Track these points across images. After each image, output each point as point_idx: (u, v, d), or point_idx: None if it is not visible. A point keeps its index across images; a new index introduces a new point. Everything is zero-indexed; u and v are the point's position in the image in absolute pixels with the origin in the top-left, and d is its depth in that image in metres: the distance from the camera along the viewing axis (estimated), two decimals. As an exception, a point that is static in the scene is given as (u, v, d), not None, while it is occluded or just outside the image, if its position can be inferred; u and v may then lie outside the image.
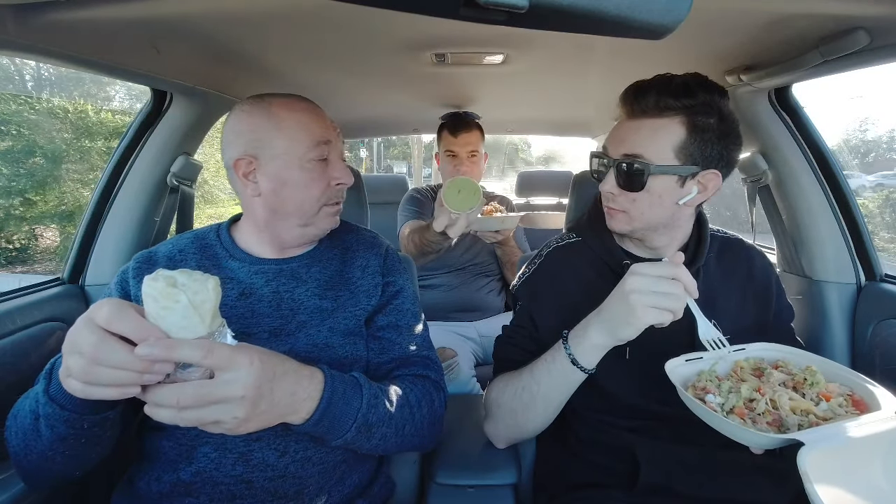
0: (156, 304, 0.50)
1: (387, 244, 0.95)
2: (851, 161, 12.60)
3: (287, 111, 0.78)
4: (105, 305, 0.51)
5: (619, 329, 0.70)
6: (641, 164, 0.78)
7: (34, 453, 0.62)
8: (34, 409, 0.61)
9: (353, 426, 0.67)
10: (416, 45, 1.03)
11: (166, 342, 0.50)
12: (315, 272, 0.84)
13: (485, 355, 1.74)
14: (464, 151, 1.74)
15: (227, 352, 0.54)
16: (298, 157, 0.77)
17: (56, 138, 6.24)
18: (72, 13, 0.70)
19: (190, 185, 1.34)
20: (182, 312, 0.51)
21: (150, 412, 0.53)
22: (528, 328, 0.91)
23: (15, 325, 0.96)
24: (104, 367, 0.50)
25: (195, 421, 0.53)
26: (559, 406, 0.81)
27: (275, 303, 0.79)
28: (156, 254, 0.83)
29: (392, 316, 0.86)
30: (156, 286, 0.50)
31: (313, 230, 0.83)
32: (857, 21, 0.75)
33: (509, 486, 0.89)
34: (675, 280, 0.67)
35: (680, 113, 0.77)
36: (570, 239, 0.96)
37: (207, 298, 0.52)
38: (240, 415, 0.54)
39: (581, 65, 1.21)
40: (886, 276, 1.17)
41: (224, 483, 0.70)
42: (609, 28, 0.41)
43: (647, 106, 0.78)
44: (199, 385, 0.53)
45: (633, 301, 0.67)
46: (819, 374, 0.69)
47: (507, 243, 1.69)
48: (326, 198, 0.81)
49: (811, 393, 0.67)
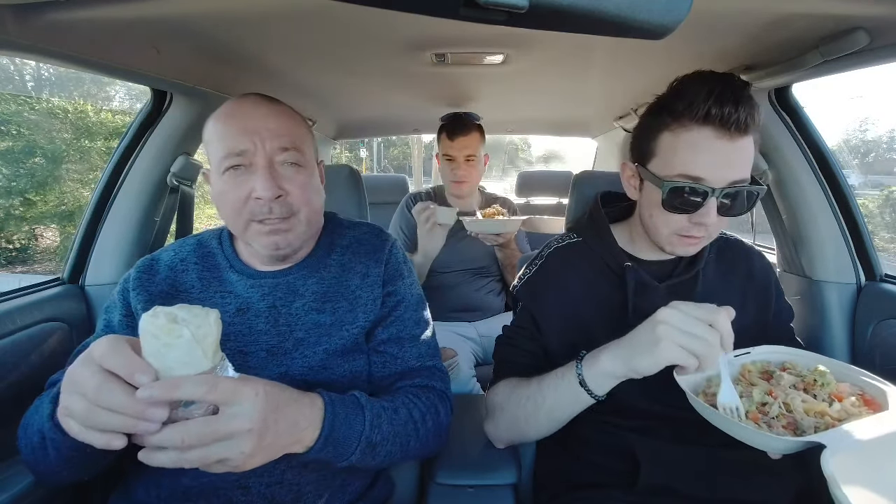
0: (157, 341, 0.49)
1: (390, 243, 0.89)
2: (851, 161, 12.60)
3: (214, 118, 0.75)
4: (103, 342, 0.50)
5: (638, 358, 0.66)
6: (754, 191, 0.74)
7: (42, 466, 0.63)
8: (41, 430, 0.61)
9: (357, 448, 0.66)
10: (416, 45, 1.03)
11: (167, 382, 0.49)
12: (312, 284, 0.80)
13: (485, 355, 1.74)
14: (461, 155, 1.74)
15: (231, 385, 0.52)
16: (215, 167, 0.73)
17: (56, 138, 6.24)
18: (72, 13, 0.70)
19: (190, 185, 1.34)
20: (185, 348, 0.49)
21: (147, 458, 0.50)
22: (528, 329, 0.90)
23: (15, 325, 0.96)
24: (103, 411, 0.48)
25: (199, 461, 0.51)
26: (564, 421, 0.80)
27: (272, 319, 0.77)
28: (158, 261, 0.81)
29: (393, 328, 0.83)
30: (156, 323, 0.49)
31: (256, 247, 0.76)
32: (857, 21, 0.75)
33: (509, 486, 0.89)
34: (713, 328, 0.63)
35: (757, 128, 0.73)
36: (570, 239, 0.95)
37: (210, 332, 0.51)
38: (246, 449, 0.53)
39: (581, 65, 1.21)
40: (886, 276, 1.17)
41: (222, 488, 0.70)
42: (609, 28, 0.41)
43: (740, 124, 0.70)
44: (205, 422, 0.51)
45: (661, 333, 0.63)
46: (829, 375, 0.68)
47: (509, 246, 1.69)
48: (249, 213, 0.72)
49: (822, 394, 0.66)
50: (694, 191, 0.73)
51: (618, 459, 0.82)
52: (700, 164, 0.72)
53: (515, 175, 2.83)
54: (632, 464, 0.79)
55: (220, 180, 0.73)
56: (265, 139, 0.72)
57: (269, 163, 0.72)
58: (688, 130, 0.73)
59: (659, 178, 0.76)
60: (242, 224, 0.74)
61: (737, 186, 0.73)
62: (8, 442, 0.86)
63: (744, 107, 0.70)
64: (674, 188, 0.74)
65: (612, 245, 0.89)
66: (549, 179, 2.75)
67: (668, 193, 0.74)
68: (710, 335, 0.62)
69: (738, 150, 0.72)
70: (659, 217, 0.78)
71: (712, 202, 0.73)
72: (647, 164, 0.80)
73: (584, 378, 0.73)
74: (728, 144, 0.71)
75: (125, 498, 0.75)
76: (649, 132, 0.80)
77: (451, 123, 1.75)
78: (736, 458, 0.79)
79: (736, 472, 0.77)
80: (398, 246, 0.91)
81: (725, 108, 0.69)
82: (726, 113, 0.69)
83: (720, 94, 0.70)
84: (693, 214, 0.74)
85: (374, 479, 0.85)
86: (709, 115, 0.70)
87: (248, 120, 0.72)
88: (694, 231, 0.76)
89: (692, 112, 0.72)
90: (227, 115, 0.74)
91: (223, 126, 0.73)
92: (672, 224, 0.78)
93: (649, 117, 0.81)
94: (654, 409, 0.82)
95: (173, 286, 0.78)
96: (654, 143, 0.78)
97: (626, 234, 0.92)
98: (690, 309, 0.64)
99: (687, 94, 0.73)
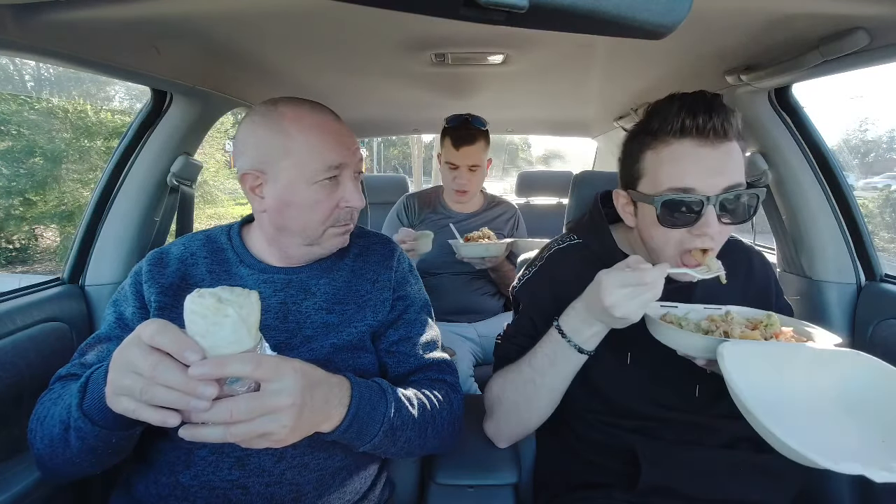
0: (205, 320, 0.51)
1: (398, 252, 0.92)
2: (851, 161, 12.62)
3: (297, 129, 0.74)
4: (151, 324, 0.52)
5: (616, 324, 0.72)
6: (752, 194, 0.74)
7: (60, 458, 0.64)
8: (64, 420, 0.62)
9: (380, 430, 0.68)
10: (416, 45, 1.03)
11: (216, 360, 0.51)
12: (324, 284, 0.82)
13: (485, 355, 1.74)
14: (464, 165, 1.69)
15: (274, 362, 0.55)
16: (305, 178, 0.74)
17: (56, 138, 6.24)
18: (72, 13, 0.70)
19: (190, 185, 1.34)
20: (231, 327, 0.52)
21: (191, 434, 0.53)
22: (528, 329, 0.90)
23: (15, 325, 0.96)
24: (161, 387, 0.51)
25: (244, 435, 0.54)
26: (562, 392, 0.82)
27: (281, 314, 0.78)
28: (168, 254, 0.82)
29: (403, 329, 0.85)
30: (204, 303, 0.51)
31: (319, 249, 0.81)
32: (857, 21, 0.75)
33: (509, 485, 0.89)
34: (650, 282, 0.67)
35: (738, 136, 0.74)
36: (570, 241, 0.96)
37: (252, 311, 0.54)
38: (288, 423, 0.55)
39: (581, 65, 1.21)
40: (886, 276, 1.17)
41: (220, 488, 0.70)
42: (609, 28, 0.41)
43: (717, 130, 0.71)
44: (251, 397, 0.54)
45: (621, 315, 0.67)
46: (775, 318, 0.74)
47: (500, 269, 1.66)
48: (333, 220, 0.78)
49: (766, 333, 0.72)
50: (688, 202, 0.72)
51: (618, 460, 0.82)
52: (687, 174, 0.72)
53: (515, 175, 2.83)
54: (632, 464, 0.79)
55: (312, 189, 0.75)
56: (354, 153, 0.78)
57: (355, 175, 0.80)
58: (668, 145, 0.74)
59: (650, 196, 0.76)
60: (321, 231, 0.78)
61: (732, 191, 0.72)
62: (8, 441, 0.86)
63: (717, 114, 0.71)
64: (666, 202, 0.73)
65: (611, 246, 0.89)
66: (549, 179, 2.75)
67: (661, 208, 0.74)
68: (653, 285, 0.66)
69: (724, 154, 0.72)
70: (660, 236, 0.78)
71: (710, 211, 0.72)
72: (637, 187, 0.80)
73: (579, 345, 0.75)
74: (711, 151, 0.72)
75: (126, 496, 0.75)
76: (633, 156, 0.80)
77: (457, 131, 1.69)
78: (736, 458, 0.79)
79: (736, 473, 0.77)
80: (405, 254, 0.94)
81: (699, 118, 0.71)
82: (700, 122, 0.71)
83: (691, 106, 0.72)
84: (693, 227, 0.74)
85: (374, 479, 0.85)
86: (684, 126, 0.72)
87: (339, 135, 0.77)
88: (698, 243, 0.75)
89: (667, 127, 0.73)
90: (317, 128, 0.75)
91: (318, 139, 0.74)
92: (673, 241, 0.77)
93: (630, 143, 0.82)
94: (654, 412, 0.82)
95: (183, 279, 0.79)
96: (640, 165, 0.79)
97: (626, 237, 0.92)
98: (623, 280, 0.67)
99: (660, 113, 0.75)
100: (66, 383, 0.71)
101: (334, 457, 0.76)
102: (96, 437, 0.61)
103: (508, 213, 1.90)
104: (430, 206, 1.86)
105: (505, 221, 1.88)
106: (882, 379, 0.63)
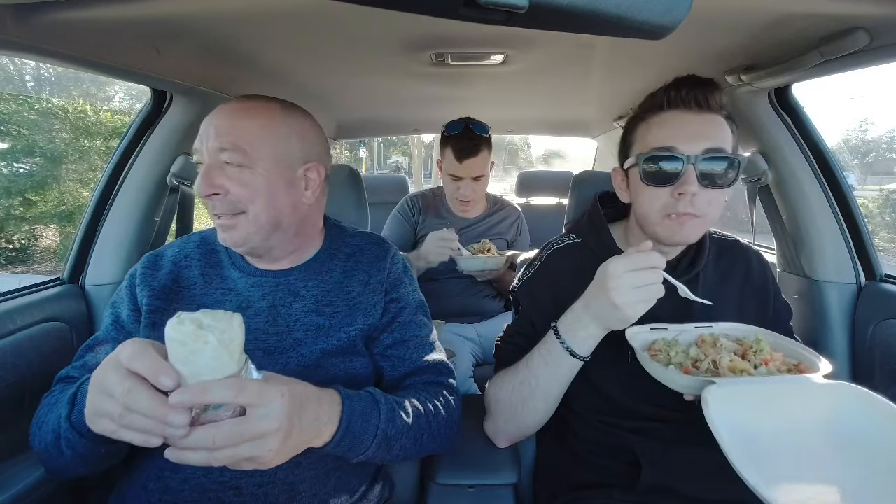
0: (184, 347, 0.50)
1: (392, 252, 0.90)
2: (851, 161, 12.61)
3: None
4: (129, 345, 0.51)
5: (613, 324, 0.73)
6: (734, 159, 0.76)
7: (56, 462, 0.66)
8: (55, 429, 0.63)
9: (373, 442, 0.68)
10: (416, 45, 1.03)
11: (198, 386, 0.50)
12: (313, 286, 0.81)
13: (485, 355, 1.74)
14: (469, 177, 1.63)
15: (258, 387, 0.53)
16: None
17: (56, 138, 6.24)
18: (72, 13, 0.70)
19: (190, 185, 1.34)
20: (212, 353, 0.50)
21: (176, 457, 0.51)
22: (527, 329, 0.91)
23: (15, 325, 0.96)
24: (136, 414, 0.50)
25: (228, 460, 0.52)
26: (558, 397, 0.82)
27: (271, 318, 0.77)
28: (162, 257, 0.82)
29: (398, 332, 0.84)
30: (183, 329, 0.50)
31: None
32: (857, 21, 0.75)
33: (509, 486, 0.89)
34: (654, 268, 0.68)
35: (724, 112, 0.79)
36: (569, 241, 0.96)
37: (234, 337, 0.52)
38: (274, 447, 0.54)
39: (581, 65, 1.21)
40: (886, 276, 1.17)
41: (212, 490, 0.70)
42: (609, 28, 0.41)
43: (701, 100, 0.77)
44: (236, 423, 0.52)
45: (622, 304, 0.68)
46: (764, 342, 0.74)
47: (501, 280, 1.65)
48: (211, 209, 0.75)
49: (756, 359, 0.72)
50: (669, 158, 0.77)
51: (618, 460, 0.82)
52: (671, 136, 0.77)
53: (516, 174, 2.82)
54: (632, 464, 0.79)
55: None
56: (209, 138, 0.73)
57: (211, 162, 0.73)
58: (657, 115, 0.81)
59: (637, 157, 0.81)
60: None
61: (713, 154, 0.75)
62: (8, 441, 0.86)
63: (702, 87, 0.77)
64: (648, 158, 0.78)
65: (611, 245, 0.89)
66: (549, 179, 2.75)
67: (643, 164, 0.79)
68: (656, 276, 0.68)
69: (707, 121, 0.77)
70: (645, 200, 0.81)
71: (690, 170, 0.75)
72: (629, 156, 0.85)
73: (571, 348, 0.76)
74: (696, 116, 0.77)
75: (120, 499, 0.75)
76: (627, 134, 0.87)
77: (459, 141, 1.60)
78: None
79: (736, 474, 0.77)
80: (399, 255, 0.92)
81: (683, 90, 0.78)
82: (684, 94, 0.77)
83: (678, 82, 0.79)
84: (675, 186, 0.76)
85: (373, 478, 0.85)
86: (670, 99, 0.79)
87: (211, 118, 0.74)
88: (680, 206, 0.76)
89: (656, 102, 0.81)
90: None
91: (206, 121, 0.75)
92: (657, 203, 0.79)
93: (626, 127, 0.88)
94: (654, 412, 0.82)
95: (176, 281, 0.79)
96: (632, 137, 0.85)
97: (623, 235, 0.92)
98: (628, 265, 0.68)
99: (652, 95, 0.82)
100: (65, 386, 0.71)
101: (327, 457, 0.75)
102: (85, 448, 0.62)
103: (512, 216, 1.88)
104: (434, 210, 1.83)
105: (509, 226, 1.86)
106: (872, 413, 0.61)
